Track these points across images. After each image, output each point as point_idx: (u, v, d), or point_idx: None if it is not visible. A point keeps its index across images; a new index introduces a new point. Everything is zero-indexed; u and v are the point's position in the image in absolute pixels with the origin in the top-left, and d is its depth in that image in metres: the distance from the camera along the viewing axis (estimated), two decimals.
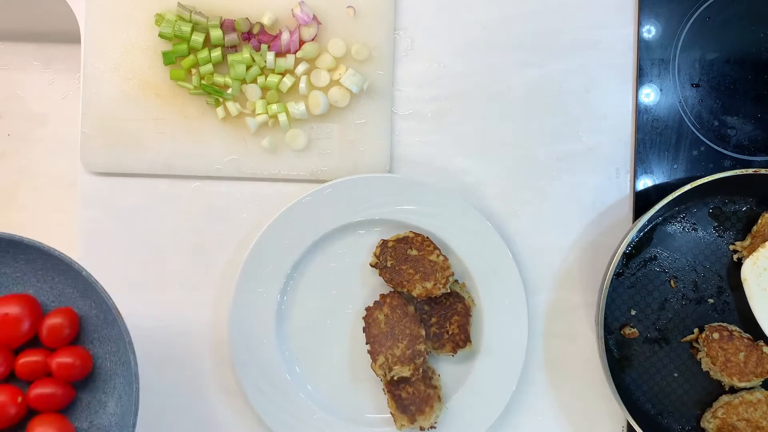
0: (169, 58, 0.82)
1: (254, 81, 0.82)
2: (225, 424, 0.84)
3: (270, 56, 0.82)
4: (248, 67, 0.82)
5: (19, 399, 0.70)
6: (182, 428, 0.84)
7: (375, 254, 0.81)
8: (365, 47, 0.83)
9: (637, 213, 0.84)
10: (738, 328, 0.80)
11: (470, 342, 0.81)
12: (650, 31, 0.85)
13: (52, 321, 0.72)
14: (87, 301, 0.74)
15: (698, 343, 0.81)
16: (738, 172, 0.77)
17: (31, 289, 0.74)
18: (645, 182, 0.84)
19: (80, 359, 0.72)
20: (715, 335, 0.79)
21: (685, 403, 0.82)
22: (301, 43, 0.83)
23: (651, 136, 0.84)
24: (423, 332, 0.80)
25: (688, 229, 0.83)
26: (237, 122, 0.83)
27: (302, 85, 0.82)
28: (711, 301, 0.82)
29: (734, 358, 0.79)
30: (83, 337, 0.75)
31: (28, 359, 0.72)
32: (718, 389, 0.81)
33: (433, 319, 0.81)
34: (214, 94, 0.81)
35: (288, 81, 0.82)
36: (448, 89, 0.85)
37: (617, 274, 0.82)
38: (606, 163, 0.85)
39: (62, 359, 0.72)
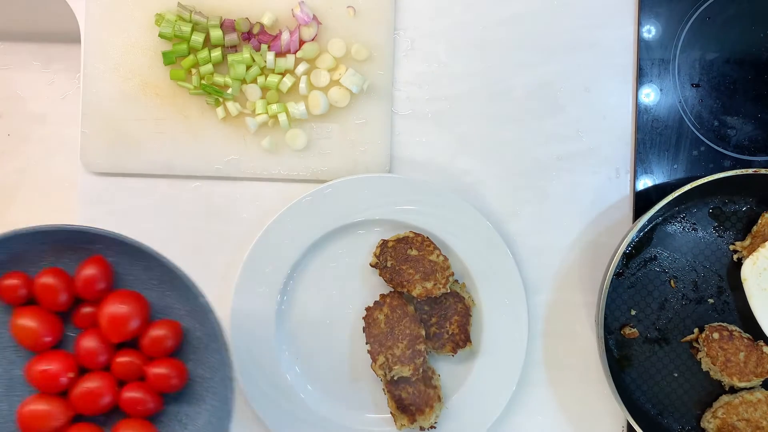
0: (169, 58, 0.82)
1: (254, 81, 0.82)
2: None
3: (270, 56, 0.82)
4: (248, 67, 0.82)
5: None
6: None
7: (375, 254, 0.81)
8: (365, 47, 0.83)
9: (637, 213, 0.84)
10: (738, 328, 0.80)
11: (470, 342, 0.81)
12: (650, 31, 0.85)
13: (157, 331, 0.71)
14: (193, 321, 0.73)
15: (698, 343, 0.81)
16: (738, 172, 0.77)
17: (143, 293, 0.73)
18: (645, 182, 0.84)
19: (177, 373, 0.71)
20: (715, 335, 0.79)
21: (685, 403, 0.82)
22: (301, 43, 0.83)
23: (651, 136, 0.84)
24: (423, 332, 0.80)
25: (688, 229, 0.83)
26: (237, 122, 0.83)
27: (302, 85, 0.82)
28: (711, 301, 0.82)
29: (734, 358, 0.79)
30: (182, 352, 0.74)
31: (126, 359, 0.71)
32: (718, 389, 0.81)
33: (433, 319, 0.81)
34: (214, 94, 0.81)
35: (288, 81, 0.82)
36: (448, 89, 0.85)
37: (617, 274, 0.82)
38: (606, 163, 0.85)
39: (160, 369, 0.71)
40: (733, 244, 0.82)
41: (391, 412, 0.80)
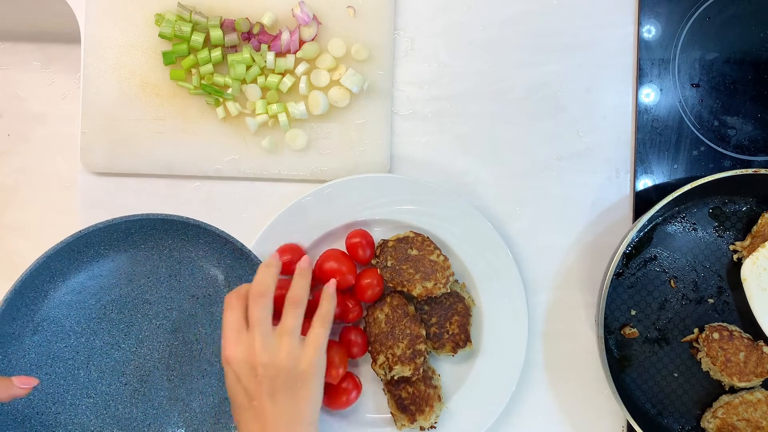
0: (169, 58, 0.82)
1: (254, 81, 0.82)
2: None
3: (270, 56, 0.82)
4: (248, 67, 0.82)
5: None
6: None
7: (375, 254, 0.81)
8: (365, 47, 0.83)
9: (637, 213, 0.84)
10: (738, 328, 0.80)
11: (470, 342, 0.81)
12: (650, 31, 0.85)
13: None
14: None
15: (698, 343, 0.81)
16: (738, 172, 0.77)
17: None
18: (645, 182, 0.84)
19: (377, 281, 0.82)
20: (715, 335, 0.79)
21: (685, 403, 0.82)
22: (301, 43, 0.83)
23: (651, 136, 0.84)
24: (423, 332, 0.80)
25: (688, 229, 0.83)
26: (237, 122, 0.83)
27: (302, 85, 0.82)
28: (711, 301, 0.82)
29: (734, 358, 0.79)
30: None
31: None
32: (718, 389, 0.81)
33: (433, 319, 0.81)
34: (214, 94, 0.81)
35: (288, 81, 0.82)
36: (448, 89, 0.85)
37: (617, 274, 0.82)
38: (606, 163, 0.85)
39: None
40: (733, 244, 0.82)
41: (391, 412, 0.80)
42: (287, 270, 0.78)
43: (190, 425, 0.79)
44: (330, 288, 0.76)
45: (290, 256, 0.79)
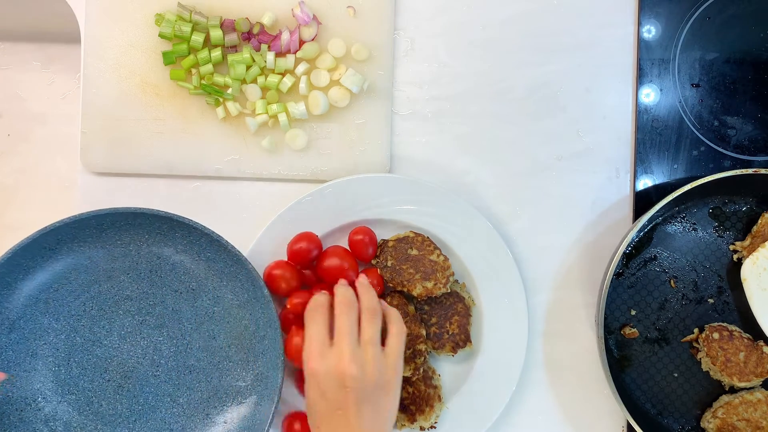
0: (169, 58, 0.82)
1: (254, 81, 0.82)
2: None
3: (270, 56, 0.82)
4: (248, 67, 0.82)
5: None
6: None
7: (375, 254, 0.81)
8: (365, 47, 0.83)
9: (637, 213, 0.84)
10: (738, 328, 0.80)
11: (470, 342, 0.81)
12: (650, 31, 0.85)
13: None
14: (245, 312, 0.80)
15: (698, 343, 0.81)
16: (738, 172, 0.77)
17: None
18: (645, 182, 0.84)
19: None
20: (715, 335, 0.79)
21: (685, 403, 0.82)
22: (301, 43, 0.83)
23: (651, 136, 0.84)
24: (423, 332, 0.80)
25: (688, 229, 0.83)
26: (237, 122, 0.83)
27: (302, 85, 0.82)
28: (711, 301, 0.82)
29: (734, 358, 0.79)
30: (230, 337, 0.82)
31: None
32: (718, 389, 0.81)
33: (433, 319, 0.81)
34: (214, 94, 0.81)
35: (288, 81, 0.82)
36: (448, 89, 0.85)
37: (617, 274, 0.82)
38: (606, 163, 0.85)
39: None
40: (733, 244, 0.82)
41: None
42: (304, 259, 0.79)
43: (178, 421, 0.79)
44: (363, 279, 0.77)
45: (306, 244, 0.79)
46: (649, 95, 0.85)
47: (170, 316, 0.79)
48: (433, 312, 0.82)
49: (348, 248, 0.81)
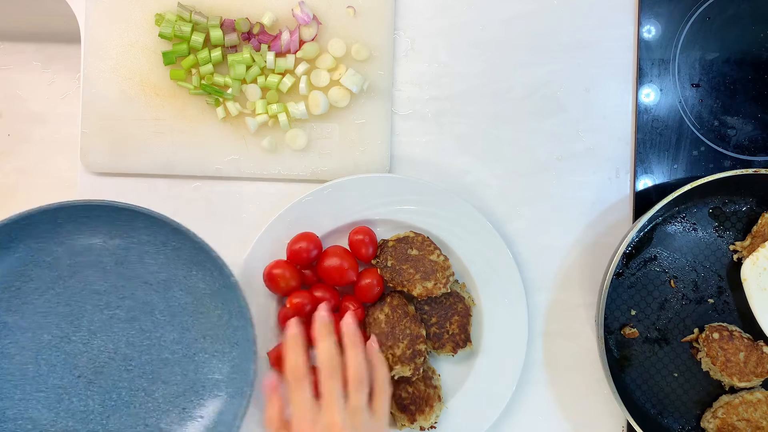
0: (169, 58, 0.82)
1: (254, 81, 0.82)
2: None
3: (270, 56, 0.82)
4: (248, 67, 0.82)
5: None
6: None
7: (375, 254, 0.81)
8: (365, 47, 0.83)
9: (637, 213, 0.84)
10: (738, 328, 0.80)
11: (470, 342, 0.81)
12: (650, 31, 0.85)
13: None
14: (215, 300, 0.80)
15: (698, 343, 0.81)
16: (738, 172, 0.77)
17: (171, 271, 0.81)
18: (645, 182, 0.84)
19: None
20: (715, 335, 0.79)
21: (685, 403, 0.82)
22: (301, 43, 0.83)
23: (651, 136, 0.84)
24: (423, 332, 0.80)
25: (688, 229, 0.83)
26: (237, 122, 0.83)
27: (302, 85, 0.82)
28: (711, 301, 0.82)
29: (734, 358, 0.79)
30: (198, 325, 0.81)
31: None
32: (718, 389, 0.81)
33: (433, 319, 0.81)
34: (214, 94, 0.81)
35: (288, 81, 0.82)
36: (448, 89, 0.85)
37: (617, 274, 0.82)
38: (606, 163, 0.85)
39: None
40: (733, 244, 0.82)
41: (391, 412, 0.80)
42: (304, 259, 0.79)
43: (153, 416, 0.78)
44: (349, 328, 0.75)
45: (306, 244, 0.79)
46: (649, 95, 0.85)
47: (141, 308, 0.78)
48: (433, 312, 0.82)
49: (348, 248, 0.81)
